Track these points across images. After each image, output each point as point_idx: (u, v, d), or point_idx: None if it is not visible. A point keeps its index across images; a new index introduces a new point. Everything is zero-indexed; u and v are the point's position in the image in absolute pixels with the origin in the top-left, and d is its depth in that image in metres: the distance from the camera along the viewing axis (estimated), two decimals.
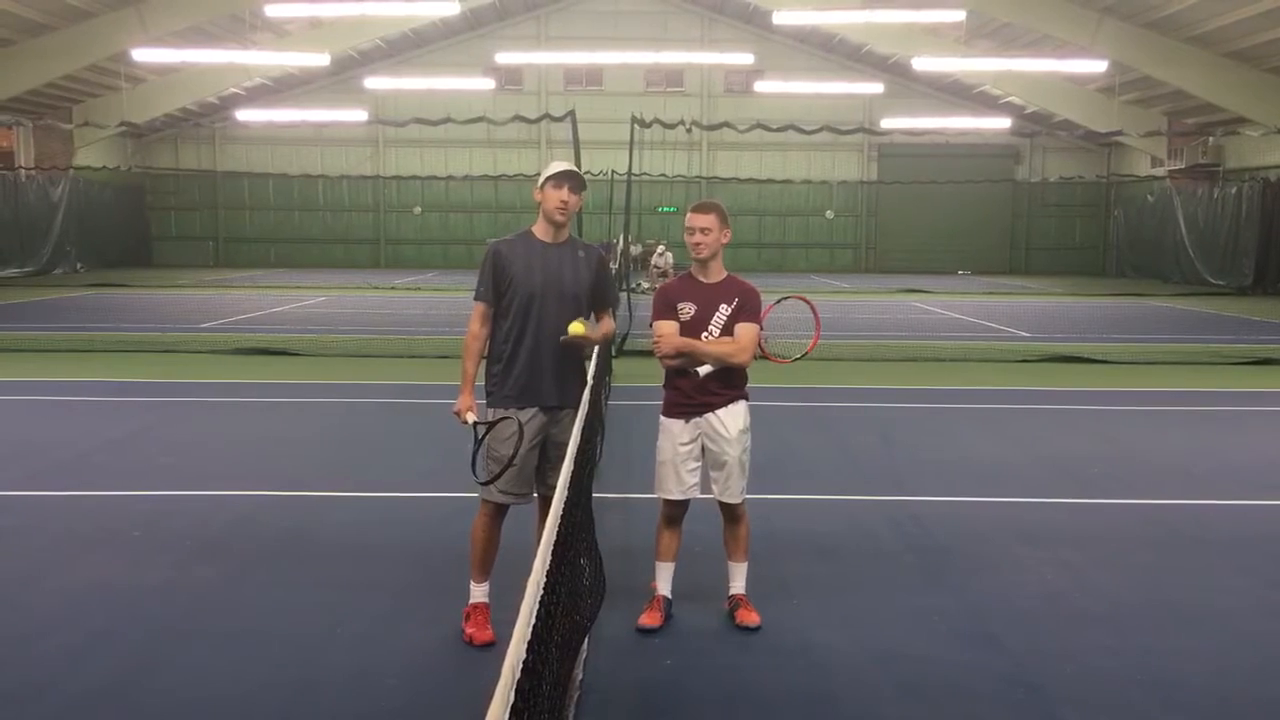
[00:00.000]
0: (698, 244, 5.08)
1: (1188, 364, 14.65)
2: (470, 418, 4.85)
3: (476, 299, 4.94)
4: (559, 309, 4.84)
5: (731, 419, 5.14)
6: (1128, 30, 28.01)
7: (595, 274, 5.00)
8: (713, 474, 5.21)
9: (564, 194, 4.84)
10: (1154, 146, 35.45)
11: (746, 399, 5.24)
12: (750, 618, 5.13)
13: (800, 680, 4.62)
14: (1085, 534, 6.75)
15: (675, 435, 5.16)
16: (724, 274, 5.19)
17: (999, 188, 41.70)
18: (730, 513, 5.25)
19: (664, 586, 5.25)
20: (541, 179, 4.92)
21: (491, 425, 4.79)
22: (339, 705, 4.36)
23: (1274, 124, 24.50)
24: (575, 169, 4.91)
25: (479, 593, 4.97)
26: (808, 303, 5.71)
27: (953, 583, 5.81)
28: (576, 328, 4.80)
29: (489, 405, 4.92)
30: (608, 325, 5.18)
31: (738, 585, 5.28)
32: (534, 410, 4.86)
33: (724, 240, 5.13)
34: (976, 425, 10.43)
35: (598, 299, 5.05)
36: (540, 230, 4.96)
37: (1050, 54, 29.88)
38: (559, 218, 4.88)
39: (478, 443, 4.79)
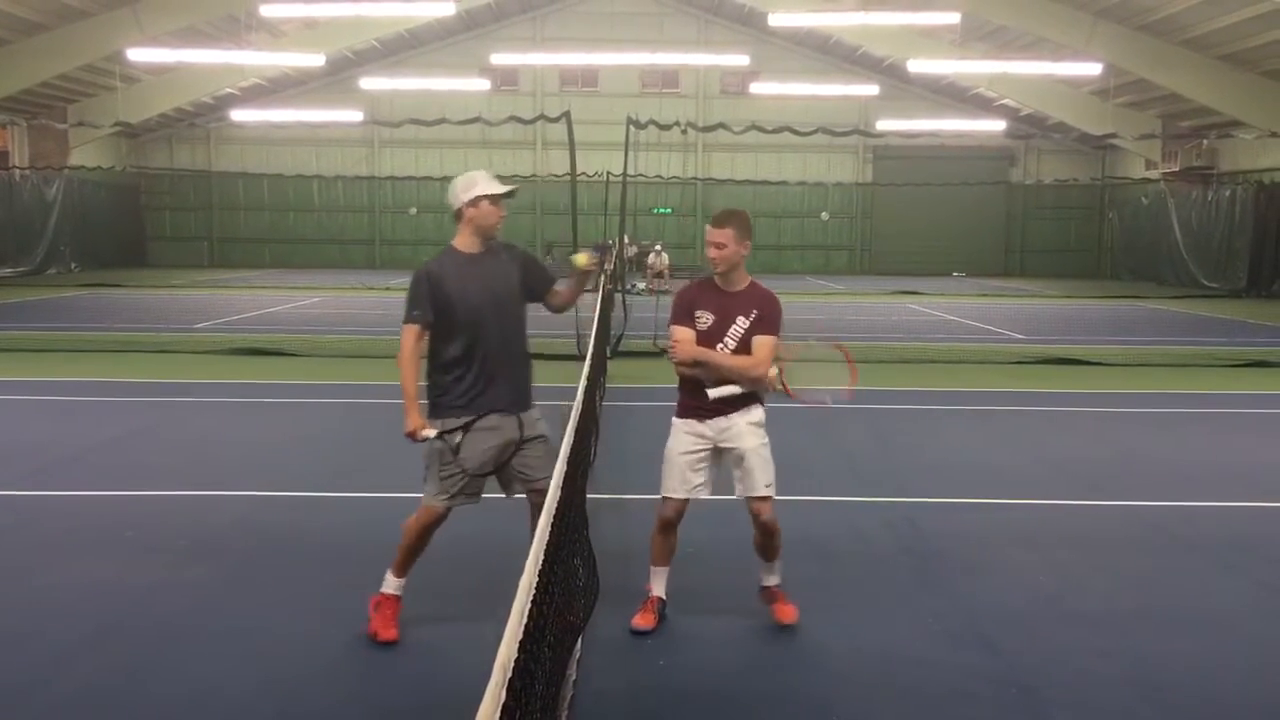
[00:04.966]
0: (713, 258, 5.02)
1: (1181, 366, 14.68)
2: (429, 432, 4.79)
3: (410, 322, 4.82)
4: (499, 317, 4.84)
5: (744, 415, 5.08)
6: (1122, 33, 28.07)
7: (523, 268, 4.99)
8: (735, 474, 5.10)
9: (501, 210, 4.87)
10: (1148, 149, 35.53)
11: (762, 404, 5.19)
12: (786, 613, 5.12)
13: (794, 681, 4.63)
14: (1079, 536, 6.75)
15: (686, 435, 5.11)
16: (746, 281, 5.10)
17: (994, 190, 41.76)
18: (759, 515, 5.07)
19: (658, 588, 5.23)
20: (474, 194, 4.82)
21: (468, 427, 4.77)
22: (335, 704, 4.36)
23: (1268, 127, 24.61)
24: (497, 184, 4.88)
25: (396, 585, 4.95)
26: (844, 353, 5.46)
27: (947, 584, 5.82)
28: (580, 259, 4.90)
29: (435, 417, 4.85)
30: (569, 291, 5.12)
31: (772, 579, 5.24)
32: (491, 419, 4.83)
33: (743, 252, 5.02)
34: (971, 427, 10.44)
35: (539, 285, 5.03)
36: (464, 244, 4.91)
37: (1045, 57, 29.94)
38: (496, 233, 4.90)
39: (455, 449, 4.77)
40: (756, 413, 5.14)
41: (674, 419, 5.18)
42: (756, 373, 4.99)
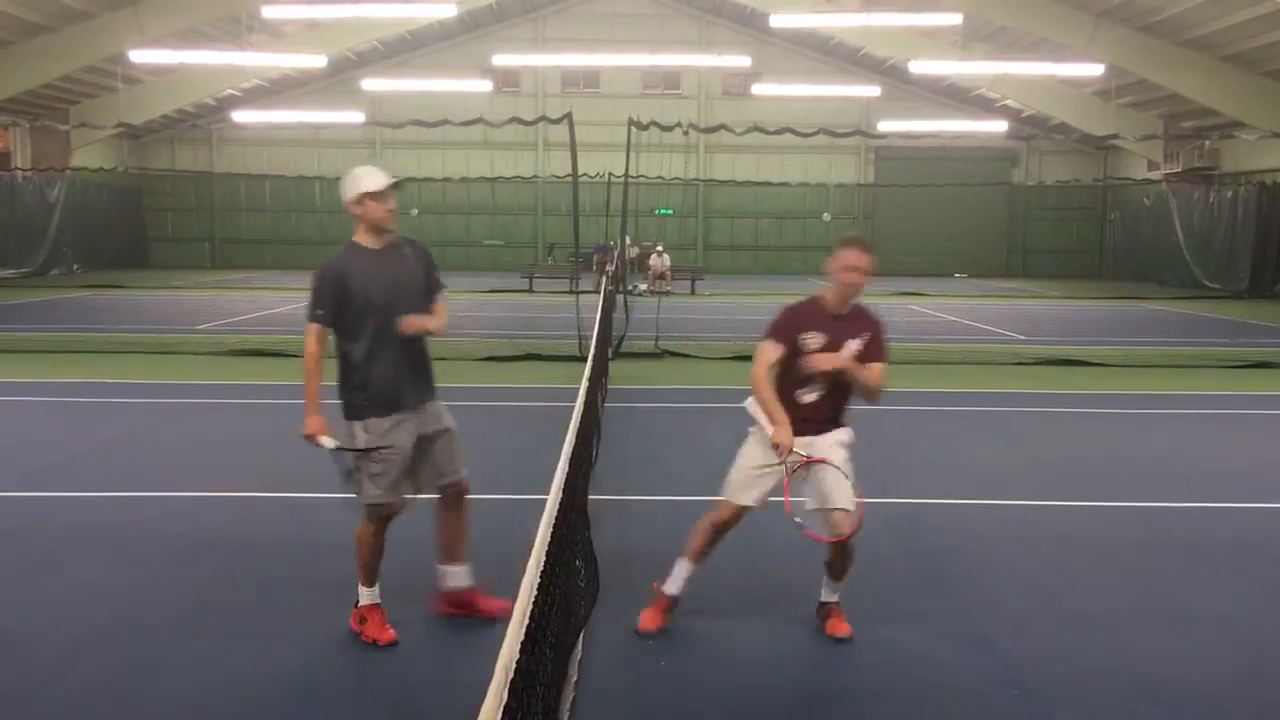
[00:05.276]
0: (853, 284, 4.93)
1: (1183, 367, 14.67)
2: (327, 441, 4.82)
3: (313, 320, 4.83)
4: (407, 310, 4.86)
5: (831, 435, 4.99)
6: (1124, 34, 28.06)
7: (424, 265, 5.03)
8: (809, 489, 4.91)
9: (390, 204, 4.89)
10: (1150, 150, 35.50)
11: (848, 428, 5.09)
12: (841, 628, 5.02)
13: (794, 681, 4.63)
14: (1080, 536, 6.76)
15: (764, 448, 4.92)
16: (853, 304, 5.05)
17: (996, 191, 41.72)
18: (836, 529, 4.88)
19: (675, 586, 5.11)
20: (357, 192, 4.86)
21: (366, 452, 4.81)
22: (335, 705, 4.37)
23: (1270, 128, 24.56)
24: (389, 176, 4.89)
25: (372, 594, 4.96)
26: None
27: (947, 584, 5.82)
28: (413, 325, 4.85)
29: (350, 419, 4.88)
30: (444, 314, 5.10)
31: (833, 596, 5.12)
32: (407, 414, 4.87)
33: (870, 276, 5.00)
34: (972, 428, 10.44)
35: (435, 284, 5.07)
36: (364, 239, 4.95)
37: (1047, 57, 29.93)
38: (391, 225, 4.92)
39: (352, 466, 4.82)
40: (845, 433, 5.05)
41: (752, 428, 5.06)
42: (876, 398, 4.96)
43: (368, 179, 4.87)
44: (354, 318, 4.81)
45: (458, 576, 5.13)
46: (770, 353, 4.94)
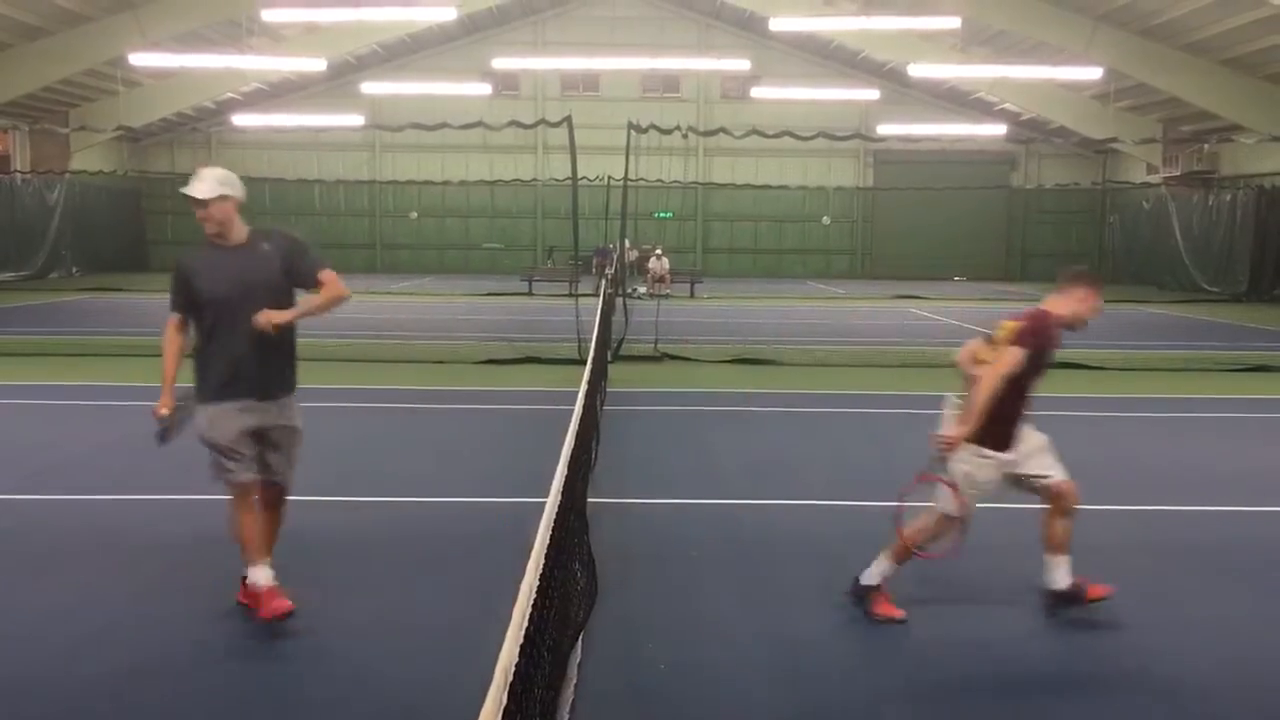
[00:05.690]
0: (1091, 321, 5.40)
1: (1183, 370, 14.68)
2: (163, 414, 5.18)
3: (171, 309, 5.19)
4: (252, 308, 4.95)
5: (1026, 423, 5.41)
6: (1123, 38, 28.11)
7: (284, 258, 5.09)
8: (1036, 462, 5.34)
9: (200, 214, 4.99)
10: (1149, 153, 35.55)
11: None
12: (1099, 590, 5.26)
13: (794, 684, 4.63)
14: (1079, 540, 6.72)
15: (999, 472, 5.31)
16: None
17: (995, 194, 41.76)
18: (1061, 499, 5.31)
19: (1066, 577, 5.26)
20: None
21: (184, 409, 5.19)
22: (332, 705, 4.37)
23: (1269, 131, 24.59)
24: (197, 185, 4.97)
25: (258, 573, 5.00)
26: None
27: (949, 586, 5.82)
28: (261, 319, 4.92)
29: (199, 401, 5.14)
30: (330, 290, 5.15)
31: (1066, 575, 5.28)
32: (243, 402, 5.04)
33: None
34: None
35: (302, 273, 5.12)
36: (213, 238, 5.10)
37: (1046, 61, 29.98)
38: (211, 231, 5.05)
39: (163, 430, 5.20)
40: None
41: (992, 452, 5.26)
42: None
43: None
44: (201, 312, 5.05)
45: (259, 573, 5.21)
46: (1018, 361, 5.24)
